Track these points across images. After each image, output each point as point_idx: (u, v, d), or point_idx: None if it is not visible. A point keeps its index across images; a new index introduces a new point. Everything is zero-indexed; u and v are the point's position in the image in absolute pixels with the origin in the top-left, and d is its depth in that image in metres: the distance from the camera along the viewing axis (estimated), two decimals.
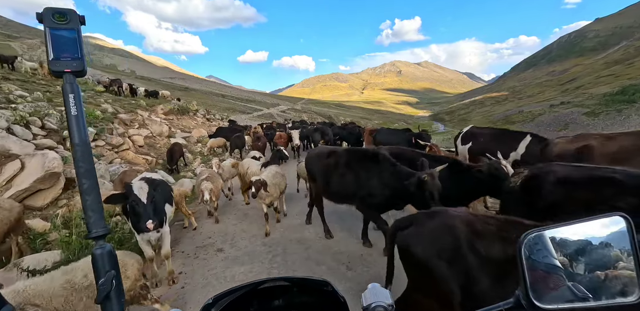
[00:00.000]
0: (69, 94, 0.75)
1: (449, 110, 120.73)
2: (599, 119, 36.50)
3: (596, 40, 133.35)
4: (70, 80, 0.76)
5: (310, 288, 0.98)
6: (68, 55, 0.76)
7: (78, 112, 0.76)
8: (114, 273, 0.74)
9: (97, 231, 0.75)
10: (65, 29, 0.76)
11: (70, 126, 0.76)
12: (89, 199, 0.75)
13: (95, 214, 0.76)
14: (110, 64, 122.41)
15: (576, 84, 69.02)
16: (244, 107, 68.23)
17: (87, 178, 0.76)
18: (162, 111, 16.43)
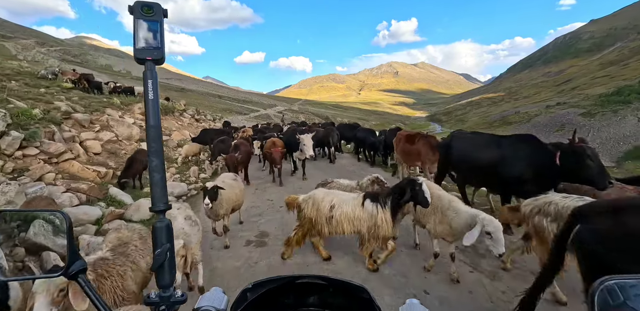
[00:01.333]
0: (148, 80, 0.83)
1: (446, 111, 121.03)
2: (595, 119, 36.60)
3: (591, 41, 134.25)
4: (150, 67, 0.83)
5: (347, 291, 0.96)
6: (151, 44, 0.83)
7: (154, 96, 0.83)
8: (169, 245, 0.81)
9: (159, 206, 0.82)
10: (151, 21, 0.82)
11: (147, 109, 0.83)
12: (156, 176, 0.82)
13: (160, 190, 0.83)
14: (106, 64, 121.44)
15: (572, 85, 69.40)
16: (240, 108, 68.00)
17: (156, 157, 0.82)
18: (140, 110, 14.34)
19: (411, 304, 0.80)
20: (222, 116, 32.74)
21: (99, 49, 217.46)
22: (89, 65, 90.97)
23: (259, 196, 7.80)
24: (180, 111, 19.84)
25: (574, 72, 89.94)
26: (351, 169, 10.56)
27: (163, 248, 0.79)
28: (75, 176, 7.27)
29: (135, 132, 11.26)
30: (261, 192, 8.28)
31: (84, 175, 7.48)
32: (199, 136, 12.88)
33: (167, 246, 0.80)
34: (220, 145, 9.96)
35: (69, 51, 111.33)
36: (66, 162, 7.52)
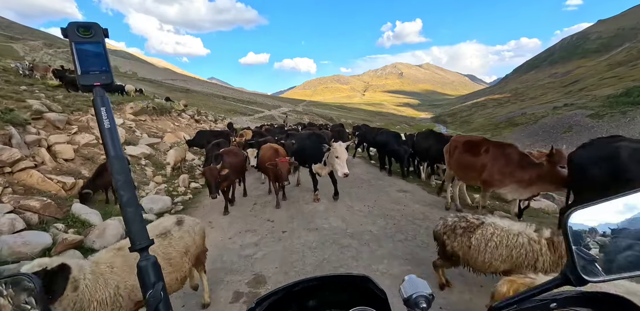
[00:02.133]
0: (100, 107, 0.77)
1: (451, 112, 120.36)
2: (603, 121, 36.13)
3: (599, 42, 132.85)
4: (100, 93, 0.78)
5: (349, 284, 0.94)
6: (96, 68, 0.77)
7: (111, 125, 0.77)
8: (162, 284, 0.75)
9: (140, 243, 0.76)
10: (91, 43, 0.77)
11: (105, 140, 0.77)
12: (130, 211, 0.77)
13: (138, 226, 0.77)
14: (112, 65, 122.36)
15: (579, 86, 68.60)
16: (244, 109, 68.11)
17: (126, 190, 0.77)
18: (132, 110, 13.15)
19: (410, 280, 0.79)
20: (224, 117, 32.15)
21: None
22: None
23: (257, 215, 6.07)
24: (179, 111, 18.58)
25: (582, 73, 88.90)
26: (365, 178, 8.95)
27: (156, 287, 0.73)
28: (33, 188, 5.93)
29: (120, 134, 9.13)
30: (260, 209, 6.51)
31: (44, 187, 6.07)
32: (194, 138, 11.78)
33: (160, 285, 0.74)
34: (216, 149, 8.05)
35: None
36: (23, 171, 6.05)
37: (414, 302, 0.74)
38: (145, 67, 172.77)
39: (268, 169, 6.22)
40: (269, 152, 6.73)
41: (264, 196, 7.70)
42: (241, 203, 7.19)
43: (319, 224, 5.32)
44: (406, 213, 5.79)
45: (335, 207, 6.30)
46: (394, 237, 4.72)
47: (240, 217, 5.98)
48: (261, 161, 6.82)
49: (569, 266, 0.66)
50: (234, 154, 6.89)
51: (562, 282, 0.67)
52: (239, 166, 6.85)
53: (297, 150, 7.29)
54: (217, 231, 5.33)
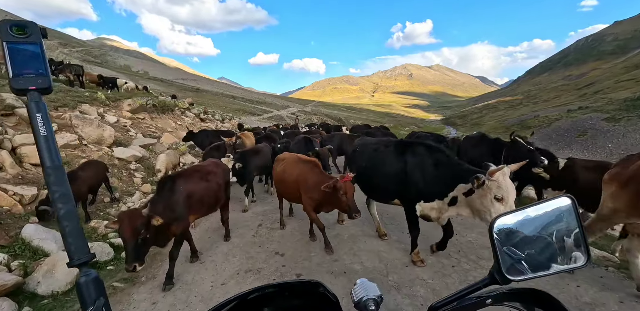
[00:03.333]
0: (35, 114, 0.69)
1: (461, 114, 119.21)
2: (619, 125, 35.35)
3: (615, 43, 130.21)
4: (35, 98, 0.70)
5: (302, 290, 0.95)
6: (31, 71, 0.70)
7: (47, 132, 0.71)
8: (103, 300, 0.70)
9: (80, 258, 0.71)
10: (27, 43, 0.70)
11: (40, 149, 0.70)
12: (69, 224, 0.71)
13: (77, 241, 0.72)
14: (124, 64, 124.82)
15: (594, 89, 67.36)
16: (254, 109, 68.43)
17: (64, 203, 0.71)
18: (130, 107, 12.08)
19: (362, 283, 0.82)
20: (232, 116, 31.54)
21: (118, 49, 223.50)
22: (109, 65, 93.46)
23: (263, 245, 4.63)
24: (183, 109, 17.42)
25: (597, 76, 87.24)
26: None
27: (97, 304, 0.68)
28: None
29: (109, 134, 8.56)
30: (266, 234, 5.03)
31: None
32: (196, 135, 10.62)
33: (101, 302, 0.69)
34: (214, 154, 7.03)
35: (90, 52, 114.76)
36: None
37: (364, 305, 0.77)
38: (157, 66, 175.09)
39: (309, 194, 4.08)
40: (298, 166, 4.50)
41: (270, 212, 6.09)
42: (242, 222, 5.64)
43: (346, 264, 3.85)
44: (464, 246, 4.24)
45: (364, 233, 4.82)
46: None
47: (240, 247, 4.55)
48: (280, 178, 4.74)
49: (495, 267, 0.75)
50: (207, 175, 4.26)
51: (490, 281, 0.76)
52: (210, 194, 4.15)
53: (365, 171, 4.20)
54: (207, 271, 3.82)
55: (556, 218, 0.77)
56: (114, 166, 7.58)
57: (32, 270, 3.57)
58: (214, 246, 4.63)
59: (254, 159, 6.56)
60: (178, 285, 3.50)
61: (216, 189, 4.27)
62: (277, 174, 4.83)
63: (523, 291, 0.81)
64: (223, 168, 4.78)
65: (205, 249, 4.51)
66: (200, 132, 10.78)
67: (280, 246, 4.51)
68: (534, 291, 0.80)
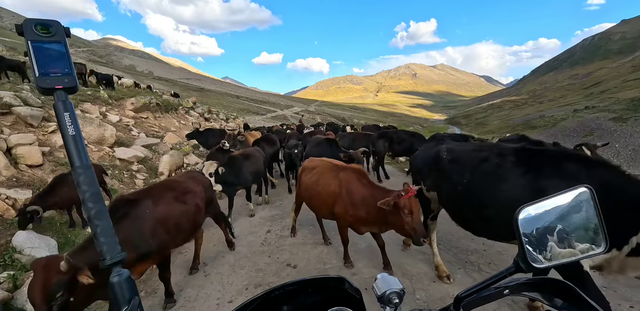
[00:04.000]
0: (63, 113, 0.70)
1: (466, 114, 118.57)
2: (627, 125, 34.85)
3: (622, 42, 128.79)
4: (62, 97, 0.70)
5: (325, 286, 0.95)
6: (58, 70, 0.70)
7: (76, 131, 0.71)
8: (138, 299, 0.71)
9: (112, 258, 0.71)
10: (51, 42, 0.70)
11: (69, 148, 0.70)
12: (100, 224, 0.71)
13: (109, 240, 0.72)
14: (129, 64, 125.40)
15: (601, 88, 66.65)
16: (258, 108, 68.40)
17: (95, 202, 0.71)
18: (133, 106, 11.80)
19: (383, 278, 0.83)
20: (237, 116, 31.49)
21: (123, 50, 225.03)
22: (114, 65, 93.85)
23: (272, 254, 4.23)
24: (187, 108, 17.21)
25: (604, 75, 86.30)
26: None
27: (132, 303, 0.69)
28: None
29: (110, 133, 8.20)
30: (275, 242, 4.62)
31: None
32: (201, 133, 10.02)
33: (136, 300, 0.70)
34: (219, 157, 6.36)
35: (95, 52, 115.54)
36: None
37: (387, 298, 0.78)
38: (162, 66, 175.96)
39: (353, 211, 3.30)
40: (337, 175, 3.60)
41: (279, 217, 5.71)
42: (249, 228, 5.24)
43: (366, 279, 3.42)
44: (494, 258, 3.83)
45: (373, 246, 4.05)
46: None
47: (247, 257, 4.15)
48: (312, 191, 3.87)
49: (520, 255, 0.77)
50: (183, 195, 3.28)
51: (515, 270, 0.77)
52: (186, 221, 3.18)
53: (464, 193, 2.85)
54: (212, 286, 3.44)
55: (576, 207, 0.80)
56: (115, 167, 7.32)
57: (22, 282, 3.19)
58: (219, 256, 4.23)
59: (246, 165, 5.63)
60: (180, 302, 3.16)
61: (194, 214, 3.26)
62: (307, 185, 3.96)
63: (542, 281, 0.83)
64: (204, 184, 3.79)
65: (210, 259, 4.12)
66: (205, 131, 10.29)
67: (291, 257, 4.11)
68: (554, 281, 0.82)
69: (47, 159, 6.12)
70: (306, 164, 4.30)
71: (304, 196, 4.11)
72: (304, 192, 4.08)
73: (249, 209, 5.98)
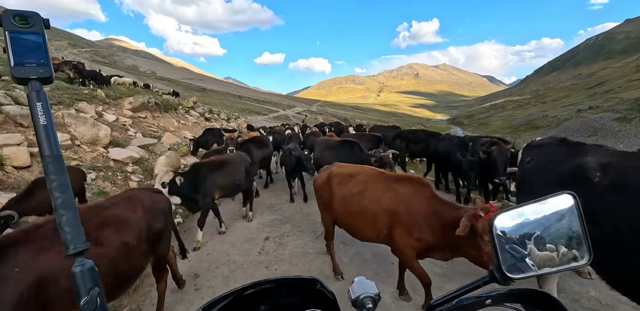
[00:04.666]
0: (35, 103, 0.71)
1: (468, 114, 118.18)
2: (631, 125, 34.70)
3: (626, 42, 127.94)
4: (36, 87, 0.72)
5: (300, 287, 0.96)
6: (33, 60, 0.72)
7: (47, 122, 0.72)
8: (98, 290, 0.71)
9: (76, 247, 0.72)
10: (29, 33, 0.72)
11: (40, 138, 0.72)
12: (65, 213, 0.73)
13: (74, 229, 0.73)
14: (132, 65, 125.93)
15: (605, 88, 66.26)
16: (260, 109, 68.45)
17: (61, 192, 0.73)
18: (131, 105, 11.57)
19: (359, 281, 0.82)
20: (238, 116, 31.28)
21: (126, 50, 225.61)
22: (117, 65, 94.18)
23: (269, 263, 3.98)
24: (187, 108, 17.04)
25: (607, 75, 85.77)
26: None
27: (92, 293, 0.70)
28: None
29: (105, 133, 7.88)
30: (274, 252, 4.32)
31: None
32: (201, 136, 9.74)
33: (96, 291, 0.70)
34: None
35: (98, 52, 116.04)
36: None
37: (361, 303, 0.77)
38: (164, 66, 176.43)
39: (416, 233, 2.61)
40: (390, 187, 2.90)
41: (279, 222, 5.35)
42: (246, 235, 4.87)
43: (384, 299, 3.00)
44: None
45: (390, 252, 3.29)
46: None
47: (243, 268, 3.83)
48: (352, 206, 3.05)
49: (495, 265, 0.74)
50: (97, 229, 2.12)
51: (490, 279, 0.76)
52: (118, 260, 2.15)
53: None
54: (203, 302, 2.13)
55: (558, 215, 0.75)
56: (109, 169, 6.94)
57: None
58: (212, 266, 3.88)
59: (215, 175, 4.63)
60: None
61: (117, 260, 2.12)
62: (343, 198, 3.12)
63: (524, 292, 0.80)
64: (147, 208, 2.55)
65: (203, 270, 3.77)
66: (205, 132, 9.95)
67: (291, 269, 3.76)
68: (535, 292, 0.80)
69: (35, 161, 5.77)
70: (336, 171, 3.39)
71: (339, 212, 3.21)
72: (338, 207, 3.19)
73: (246, 215, 5.67)
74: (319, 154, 6.44)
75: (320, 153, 6.45)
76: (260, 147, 7.13)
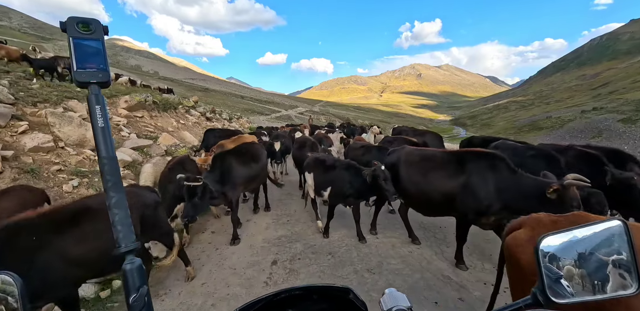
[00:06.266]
0: (95, 106, 0.76)
1: (471, 114, 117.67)
2: (636, 126, 34.32)
3: (631, 42, 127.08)
4: (95, 91, 0.77)
5: (331, 295, 0.96)
6: (93, 65, 0.77)
7: (105, 124, 0.77)
8: (146, 288, 0.74)
9: (127, 246, 0.76)
10: (90, 39, 0.76)
11: (97, 139, 0.77)
12: (118, 213, 0.76)
13: (125, 228, 0.77)
14: (135, 65, 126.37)
15: (609, 89, 65.75)
16: (262, 109, 68.41)
17: (116, 192, 0.77)
18: (127, 104, 11.08)
19: (390, 293, 0.82)
20: (240, 116, 30.99)
21: (130, 50, 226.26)
22: (120, 65, 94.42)
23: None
24: (187, 107, 16.61)
25: (612, 76, 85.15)
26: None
27: (140, 292, 0.73)
28: None
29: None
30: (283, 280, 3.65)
31: None
32: (203, 140, 9.30)
33: (144, 289, 0.73)
34: (172, 176, 4.62)
35: None
36: None
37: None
38: (167, 66, 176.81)
39: None
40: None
41: (288, 241, 4.65)
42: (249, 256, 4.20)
43: None
44: None
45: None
46: None
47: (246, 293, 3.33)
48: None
49: (539, 287, 0.74)
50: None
51: (532, 302, 0.74)
52: None
53: None
54: None
55: (606, 241, 0.74)
56: (95, 174, 6.09)
57: None
58: (207, 303, 3.19)
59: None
60: None
61: None
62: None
63: None
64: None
65: (196, 309, 3.11)
66: (207, 132, 9.50)
67: None
68: None
69: (9, 165, 5.05)
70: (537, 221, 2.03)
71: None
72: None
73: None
74: (414, 178, 3.98)
75: (417, 176, 3.95)
76: (246, 164, 4.95)
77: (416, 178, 3.93)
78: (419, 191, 3.88)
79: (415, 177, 3.94)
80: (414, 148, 4.50)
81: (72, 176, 5.56)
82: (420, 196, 3.90)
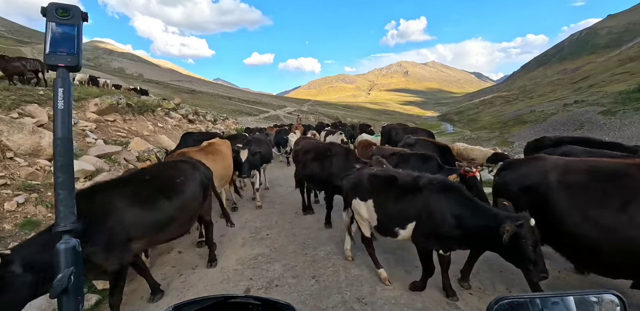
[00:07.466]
0: (59, 88, 0.78)
1: (458, 110, 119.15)
2: (615, 118, 35.15)
3: (609, 37, 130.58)
4: (62, 74, 0.79)
5: (273, 309, 0.96)
6: (64, 50, 0.79)
7: (65, 106, 0.79)
8: (73, 269, 0.74)
9: (65, 226, 0.77)
10: (66, 25, 0.79)
11: (56, 120, 0.78)
12: (62, 193, 0.77)
13: (66, 209, 0.78)
14: (118, 67, 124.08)
15: (590, 82, 67.41)
16: (250, 109, 68.03)
17: (63, 172, 0.78)
18: (97, 107, 10.00)
19: None
20: (227, 117, 30.26)
21: (112, 52, 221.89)
22: (102, 68, 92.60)
23: None
24: (167, 109, 15.64)
25: (592, 69, 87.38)
26: None
27: (65, 272, 0.73)
28: None
29: (49, 142, 6.11)
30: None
31: None
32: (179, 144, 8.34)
33: (69, 270, 0.73)
34: None
35: (83, 55, 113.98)
36: None
37: None
38: (151, 68, 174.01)
39: None
40: None
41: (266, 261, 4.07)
42: (219, 280, 3.65)
43: None
44: None
45: None
46: None
47: None
48: None
49: None
50: None
51: None
52: None
53: None
54: None
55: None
56: (49, 187, 5.28)
57: None
58: None
59: None
60: None
61: None
62: None
63: None
64: None
65: None
66: (184, 136, 8.70)
67: None
68: None
69: None
70: None
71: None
72: None
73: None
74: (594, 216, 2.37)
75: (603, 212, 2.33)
76: (147, 201, 3.04)
77: (601, 216, 2.22)
78: (609, 239, 2.16)
79: (598, 213, 2.24)
80: (569, 159, 2.82)
81: (18, 192, 4.89)
82: (613, 248, 2.17)
